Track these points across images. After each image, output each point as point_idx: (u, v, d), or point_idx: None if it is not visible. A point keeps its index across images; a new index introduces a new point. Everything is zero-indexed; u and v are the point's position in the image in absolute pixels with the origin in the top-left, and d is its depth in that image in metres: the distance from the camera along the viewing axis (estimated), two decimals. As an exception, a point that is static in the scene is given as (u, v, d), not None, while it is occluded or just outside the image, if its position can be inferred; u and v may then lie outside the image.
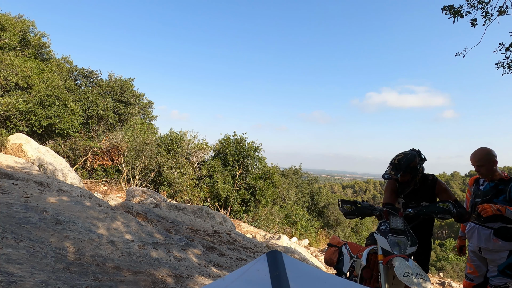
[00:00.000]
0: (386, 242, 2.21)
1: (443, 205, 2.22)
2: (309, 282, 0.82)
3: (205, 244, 4.41)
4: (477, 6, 4.05)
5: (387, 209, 2.38)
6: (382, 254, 2.20)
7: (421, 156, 2.57)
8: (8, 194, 3.75)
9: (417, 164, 2.51)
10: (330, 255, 2.94)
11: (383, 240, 2.23)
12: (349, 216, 2.51)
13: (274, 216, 14.49)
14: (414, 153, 2.58)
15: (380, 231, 2.29)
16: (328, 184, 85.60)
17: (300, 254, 7.44)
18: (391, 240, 2.21)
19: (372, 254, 2.38)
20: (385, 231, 2.27)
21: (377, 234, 2.30)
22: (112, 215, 4.01)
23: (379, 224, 2.35)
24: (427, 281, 1.88)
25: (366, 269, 2.35)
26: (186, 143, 15.81)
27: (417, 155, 2.56)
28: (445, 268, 19.49)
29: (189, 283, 2.82)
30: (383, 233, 2.26)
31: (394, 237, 2.21)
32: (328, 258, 2.95)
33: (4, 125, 10.58)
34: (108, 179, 13.28)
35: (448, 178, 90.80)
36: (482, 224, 2.64)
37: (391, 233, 2.24)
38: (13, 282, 1.95)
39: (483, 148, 2.68)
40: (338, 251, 2.88)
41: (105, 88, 15.43)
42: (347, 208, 2.47)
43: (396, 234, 2.23)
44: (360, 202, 2.47)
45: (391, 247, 2.18)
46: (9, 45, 12.37)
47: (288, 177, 21.00)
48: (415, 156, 2.53)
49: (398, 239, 2.21)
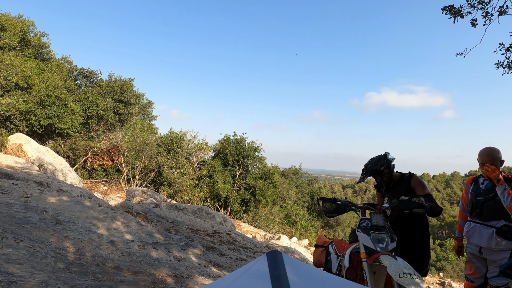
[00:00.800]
0: (369, 239, 2.23)
1: (417, 199, 2.29)
2: (309, 282, 0.82)
3: (205, 244, 4.41)
4: (477, 6, 4.04)
5: (365, 206, 2.49)
6: (364, 252, 2.23)
7: (386, 158, 2.82)
8: (8, 194, 3.75)
9: (380, 166, 2.80)
10: (317, 256, 2.93)
11: (366, 238, 2.25)
12: (330, 214, 2.60)
13: (274, 216, 14.49)
14: (381, 156, 2.85)
15: (361, 229, 2.32)
16: (328, 184, 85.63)
17: (300, 254, 7.44)
18: (373, 237, 2.23)
19: (355, 254, 2.39)
20: (366, 228, 2.30)
21: (359, 231, 2.32)
22: (112, 215, 4.01)
23: (360, 221, 2.39)
24: (421, 279, 1.89)
25: (350, 270, 2.35)
26: (186, 143, 15.81)
27: (383, 158, 2.83)
28: (445, 268, 19.49)
29: (189, 283, 2.82)
30: (364, 231, 2.29)
31: (376, 234, 2.24)
32: (316, 260, 2.93)
33: (4, 125, 10.58)
34: (108, 179, 13.28)
35: (448, 178, 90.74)
36: (484, 223, 2.61)
37: (372, 230, 2.27)
38: (13, 282, 1.95)
39: (491, 147, 2.69)
40: (325, 251, 2.87)
41: (105, 88, 15.43)
42: (328, 206, 2.56)
43: (378, 231, 2.26)
44: (339, 200, 2.58)
45: (374, 244, 2.20)
46: (9, 45, 12.37)
47: (288, 177, 21.00)
48: (380, 160, 2.82)
49: (380, 236, 2.24)
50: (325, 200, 2.60)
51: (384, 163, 2.80)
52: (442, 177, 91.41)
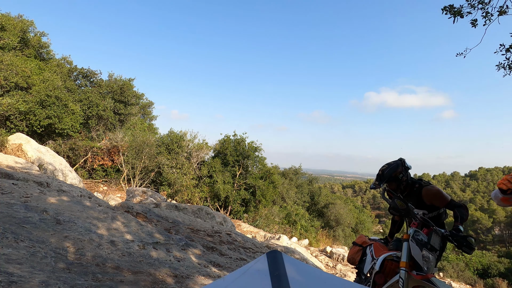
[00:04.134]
0: (420, 255, 2.16)
1: (470, 240, 2.16)
2: (309, 282, 0.82)
3: (205, 244, 4.41)
4: (478, 6, 4.04)
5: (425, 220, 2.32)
6: (406, 261, 2.17)
7: (405, 165, 2.65)
8: (8, 194, 3.75)
9: (399, 173, 2.61)
10: (353, 254, 2.92)
11: (418, 252, 2.18)
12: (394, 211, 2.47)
13: (274, 216, 14.48)
14: (399, 162, 2.67)
15: (416, 241, 2.22)
16: (328, 184, 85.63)
17: (300, 254, 7.44)
18: (425, 254, 2.16)
19: (388, 261, 2.35)
20: (421, 243, 2.20)
21: (412, 242, 2.23)
22: (112, 215, 4.00)
23: (415, 232, 2.27)
24: None
25: (379, 274, 2.34)
26: (186, 143, 15.80)
27: (401, 164, 2.65)
28: (445, 268, 19.49)
29: (189, 283, 2.82)
30: (419, 244, 2.20)
31: (428, 253, 2.17)
32: (351, 257, 2.94)
33: (4, 125, 10.57)
34: (108, 179, 13.28)
35: (448, 178, 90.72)
36: None
37: (426, 248, 2.19)
38: (13, 282, 1.95)
39: None
40: (361, 251, 2.86)
41: (105, 88, 15.42)
42: (399, 204, 2.43)
43: (430, 250, 2.20)
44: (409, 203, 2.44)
45: (423, 262, 2.14)
46: (9, 45, 12.36)
47: (288, 177, 20.99)
48: (398, 166, 2.63)
49: (430, 256, 2.17)
50: (396, 196, 2.45)
51: (403, 170, 2.63)
52: (442, 177, 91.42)
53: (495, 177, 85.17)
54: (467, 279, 17.39)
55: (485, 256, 25.95)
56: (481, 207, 63.39)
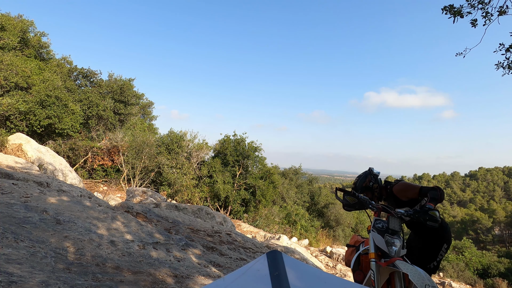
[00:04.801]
0: (383, 241, 2.20)
1: (432, 213, 2.24)
2: (309, 282, 0.82)
3: (205, 244, 4.41)
4: (477, 6, 4.04)
5: (382, 207, 2.43)
6: (374, 252, 2.20)
7: (373, 173, 2.88)
8: (8, 194, 3.75)
9: (369, 182, 2.86)
10: (348, 256, 2.87)
11: (380, 239, 2.22)
12: (349, 208, 2.51)
13: (274, 216, 14.48)
14: (367, 172, 2.91)
15: (376, 229, 2.27)
16: (328, 184, 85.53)
17: (300, 254, 7.44)
18: (388, 240, 2.20)
19: (363, 256, 2.36)
20: (381, 229, 2.25)
21: (374, 231, 2.28)
22: (112, 215, 4.00)
23: (375, 221, 2.33)
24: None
25: (357, 271, 2.33)
26: (186, 143, 15.80)
27: (369, 173, 2.89)
28: (445, 268, 19.48)
29: (189, 283, 2.82)
30: (380, 232, 2.25)
31: (390, 237, 2.21)
32: (347, 260, 2.88)
33: (4, 125, 10.57)
34: (108, 179, 13.28)
35: (448, 178, 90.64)
36: None
37: (387, 233, 2.23)
38: (13, 282, 1.95)
39: None
40: (355, 251, 2.81)
41: (105, 88, 15.42)
42: (349, 200, 2.47)
43: (392, 234, 2.23)
44: (359, 195, 2.49)
45: (387, 247, 2.17)
46: (9, 45, 12.36)
47: (288, 177, 20.99)
48: (367, 176, 2.89)
49: (394, 240, 2.20)
50: (345, 192, 2.49)
51: (372, 178, 2.85)
52: (442, 177, 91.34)
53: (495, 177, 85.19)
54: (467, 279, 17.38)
55: (485, 256, 25.95)
56: (481, 207, 63.40)
